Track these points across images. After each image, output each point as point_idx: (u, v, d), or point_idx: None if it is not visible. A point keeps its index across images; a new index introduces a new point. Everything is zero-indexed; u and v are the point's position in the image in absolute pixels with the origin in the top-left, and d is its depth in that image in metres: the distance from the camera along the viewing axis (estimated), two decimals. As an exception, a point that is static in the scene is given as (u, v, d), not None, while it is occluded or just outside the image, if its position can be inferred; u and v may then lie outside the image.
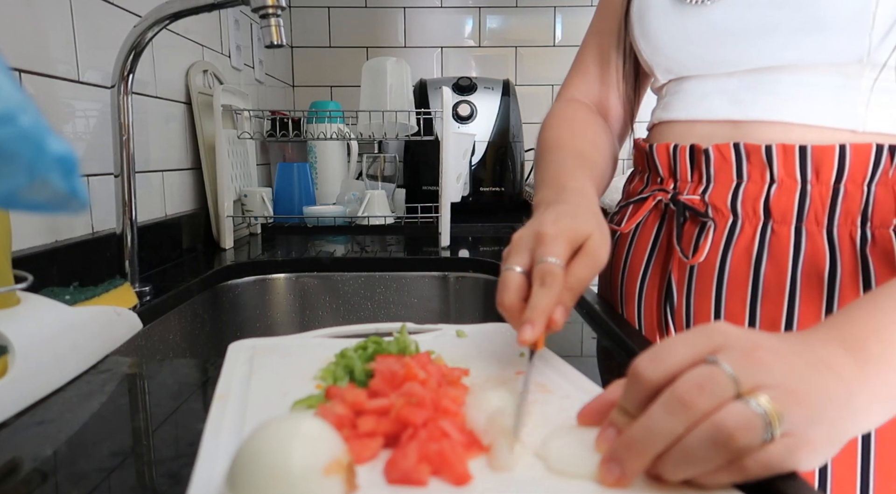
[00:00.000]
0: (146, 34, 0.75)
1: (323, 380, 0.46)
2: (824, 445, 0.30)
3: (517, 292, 0.45)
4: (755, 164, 0.56)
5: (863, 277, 0.53)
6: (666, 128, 0.66)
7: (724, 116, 0.59)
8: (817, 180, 0.54)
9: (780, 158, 0.55)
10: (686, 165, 0.61)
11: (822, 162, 0.53)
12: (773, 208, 0.56)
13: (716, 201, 0.59)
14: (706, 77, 0.61)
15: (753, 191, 0.57)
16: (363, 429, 0.35)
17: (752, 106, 0.57)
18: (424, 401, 0.36)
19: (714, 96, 0.60)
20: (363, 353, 0.47)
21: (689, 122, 0.62)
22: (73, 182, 0.23)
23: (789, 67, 0.54)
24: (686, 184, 0.62)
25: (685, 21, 0.60)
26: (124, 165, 0.77)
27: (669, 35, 0.62)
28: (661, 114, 0.67)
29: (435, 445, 0.33)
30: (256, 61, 1.63)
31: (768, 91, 0.56)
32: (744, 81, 0.58)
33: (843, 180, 0.53)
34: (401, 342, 0.48)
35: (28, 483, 0.35)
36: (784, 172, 0.55)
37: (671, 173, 0.64)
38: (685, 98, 0.63)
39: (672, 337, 0.33)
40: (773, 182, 0.56)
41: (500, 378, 0.46)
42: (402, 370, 0.40)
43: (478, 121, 1.68)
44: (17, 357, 0.45)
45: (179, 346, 0.82)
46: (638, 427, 0.30)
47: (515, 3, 2.06)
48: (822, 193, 0.54)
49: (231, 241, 1.18)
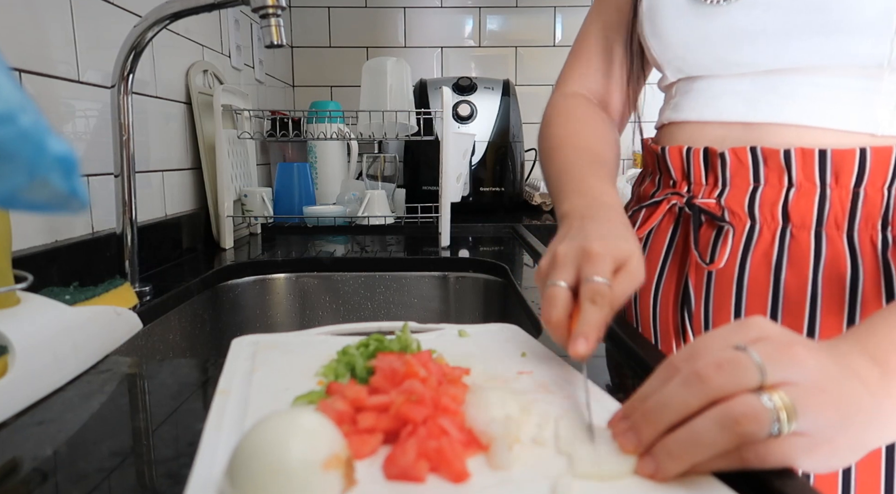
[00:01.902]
0: (146, 34, 0.75)
1: (324, 376, 0.46)
2: (846, 450, 0.31)
3: (565, 309, 0.45)
4: (773, 168, 0.55)
5: (885, 282, 0.52)
6: (676, 129, 0.65)
7: (736, 118, 0.58)
8: (836, 184, 0.53)
9: (798, 162, 0.54)
10: (700, 169, 0.60)
11: (841, 166, 0.52)
12: (792, 213, 0.55)
13: (732, 205, 0.58)
14: (718, 77, 0.60)
15: (771, 195, 0.56)
16: (363, 425, 0.36)
17: (765, 107, 0.56)
18: (424, 399, 0.36)
19: (726, 97, 0.59)
20: (365, 350, 0.47)
21: (700, 123, 0.61)
22: (73, 182, 0.23)
23: (805, 69, 0.54)
24: (700, 187, 0.61)
25: (700, 20, 0.59)
26: (124, 165, 0.78)
27: (683, 34, 0.61)
28: (671, 114, 0.66)
29: (434, 442, 0.33)
30: (256, 61, 1.63)
31: (782, 93, 0.55)
32: (756, 83, 0.57)
33: (864, 184, 0.52)
34: (402, 341, 0.48)
35: (28, 483, 0.35)
36: (803, 176, 0.54)
37: (684, 176, 0.62)
38: (696, 98, 0.62)
39: (709, 333, 0.34)
40: (791, 186, 0.55)
41: (501, 378, 0.47)
42: (402, 368, 0.40)
43: (478, 121, 1.68)
44: (17, 357, 0.45)
45: (179, 346, 0.82)
46: (655, 398, 0.32)
47: (515, 3, 2.06)
48: (841, 197, 0.53)
49: (231, 241, 1.18)
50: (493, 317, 0.74)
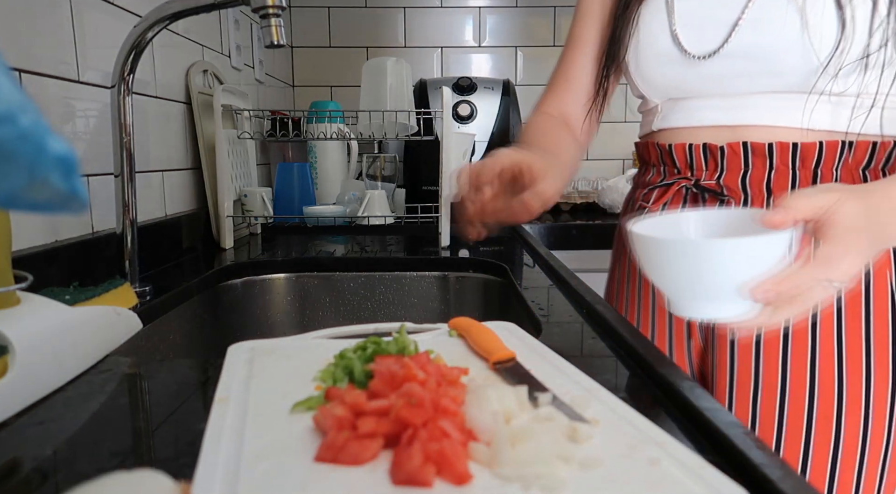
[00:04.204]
0: (146, 34, 0.75)
1: (322, 381, 0.46)
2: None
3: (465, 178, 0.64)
4: (758, 155, 0.72)
5: None
6: (672, 133, 0.78)
7: (719, 123, 0.74)
8: (803, 167, 0.71)
9: (778, 152, 0.71)
10: (701, 159, 0.76)
11: (806, 155, 0.70)
12: (774, 188, 0.72)
13: (730, 183, 0.74)
14: (701, 98, 0.76)
15: (758, 176, 0.73)
16: (363, 430, 0.35)
17: (743, 114, 0.73)
18: (423, 401, 0.36)
19: (710, 110, 0.75)
20: (362, 354, 0.47)
21: (691, 128, 0.77)
22: (74, 182, 0.23)
23: (761, 94, 0.72)
24: (702, 172, 0.76)
25: (681, 68, 0.74)
26: (124, 165, 0.77)
27: (668, 78, 0.76)
28: (662, 123, 0.79)
29: (435, 445, 0.33)
30: (256, 61, 1.63)
31: (755, 106, 0.72)
32: (731, 100, 0.74)
33: (820, 167, 0.70)
34: (400, 343, 0.48)
35: (28, 483, 0.35)
36: (780, 162, 0.72)
37: (688, 166, 0.77)
38: (682, 111, 0.77)
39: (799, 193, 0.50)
40: (771, 169, 0.72)
41: (500, 376, 0.47)
42: (401, 371, 0.40)
43: (478, 121, 1.68)
44: (17, 357, 0.45)
45: (179, 346, 0.82)
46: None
47: (515, 3, 2.06)
48: (806, 176, 0.71)
49: (231, 241, 1.18)
50: (493, 316, 0.74)
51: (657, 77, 0.77)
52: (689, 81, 0.75)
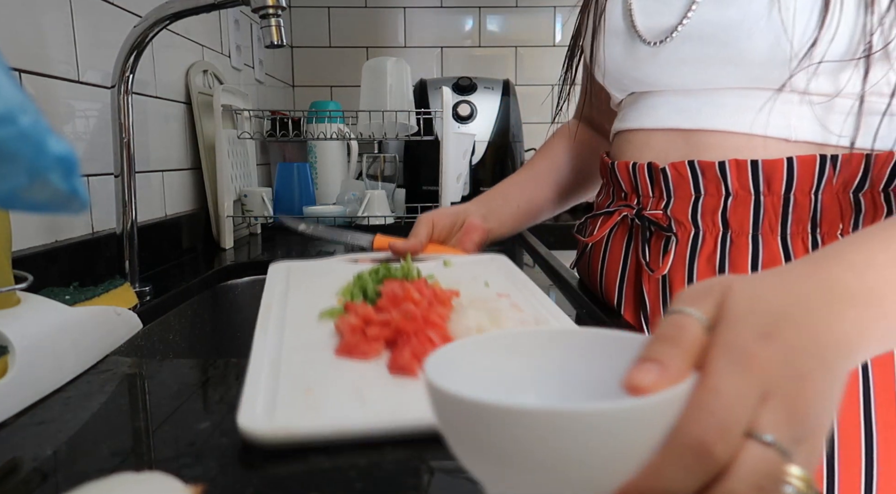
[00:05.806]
0: (146, 34, 0.75)
1: (343, 296, 0.59)
2: None
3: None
4: (710, 179, 0.59)
5: None
6: (624, 139, 0.68)
7: (673, 125, 0.62)
8: (769, 191, 0.56)
9: (733, 173, 0.57)
10: (646, 182, 0.64)
11: (772, 175, 0.56)
12: (731, 220, 0.59)
13: (678, 214, 0.62)
14: (658, 93, 0.65)
15: (711, 204, 0.59)
16: (370, 335, 0.48)
17: (699, 117, 0.60)
18: (416, 316, 0.48)
19: (666, 108, 0.63)
20: (375, 276, 0.61)
21: (644, 131, 0.65)
22: (74, 182, 0.23)
23: (725, 89, 0.59)
24: (648, 199, 0.65)
25: (635, 56, 0.64)
26: (124, 165, 0.77)
27: (621, 67, 0.66)
28: (619, 124, 0.70)
29: (422, 347, 0.44)
30: (256, 61, 1.63)
31: (713, 105, 0.60)
32: (690, 97, 0.62)
33: (793, 190, 0.56)
34: (405, 269, 0.62)
35: (28, 483, 0.35)
36: (738, 186, 0.57)
37: (633, 189, 0.67)
38: (638, 109, 0.66)
39: (717, 376, 0.25)
40: (728, 195, 0.58)
41: (483, 299, 0.57)
42: (401, 292, 0.52)
43: (478, 121, 1.68)
44: (17, 357, 0.45)
45: (179, 346, 0.82)
46: None
47: (515, 3, 2.06)
48: (774, 203, 0.56)
49: (231, 241, 1.18)
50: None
51: (609, 62, 0.67)
52: (642, 68, 0.64)
